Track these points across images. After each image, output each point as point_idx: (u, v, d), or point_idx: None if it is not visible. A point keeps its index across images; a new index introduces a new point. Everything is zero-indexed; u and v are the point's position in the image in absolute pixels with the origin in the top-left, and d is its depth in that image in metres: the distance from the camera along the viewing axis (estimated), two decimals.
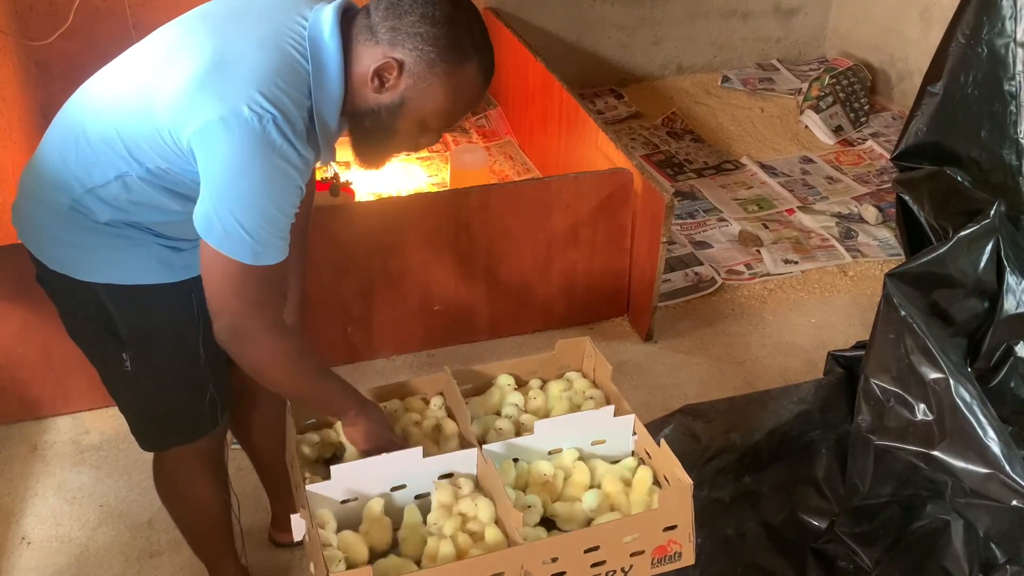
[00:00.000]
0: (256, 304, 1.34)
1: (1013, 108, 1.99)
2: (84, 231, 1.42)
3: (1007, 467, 1.68)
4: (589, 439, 1.60)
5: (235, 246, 1.29)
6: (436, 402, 1.68)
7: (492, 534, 1.42)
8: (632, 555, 1.43)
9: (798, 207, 3.40)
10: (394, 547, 1.48)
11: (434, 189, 3.30)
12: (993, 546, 1.76)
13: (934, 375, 1.78)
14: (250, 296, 1.33)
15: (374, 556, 1.45)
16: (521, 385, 1.73)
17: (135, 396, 1.58)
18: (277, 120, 1.26)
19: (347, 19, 1.36)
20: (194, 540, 1.83)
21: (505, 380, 1.71)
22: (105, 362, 1.54)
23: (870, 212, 3.34)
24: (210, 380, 1.57)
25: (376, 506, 1.48)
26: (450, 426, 1.62)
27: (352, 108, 1.38)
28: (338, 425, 1.61)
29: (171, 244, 1.47)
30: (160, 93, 1.31)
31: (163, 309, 1.49)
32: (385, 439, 1.52)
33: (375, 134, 1.40)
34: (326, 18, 1.34)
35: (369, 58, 1.33)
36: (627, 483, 1.55)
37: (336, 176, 2.95)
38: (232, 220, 1.27)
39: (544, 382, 1.73)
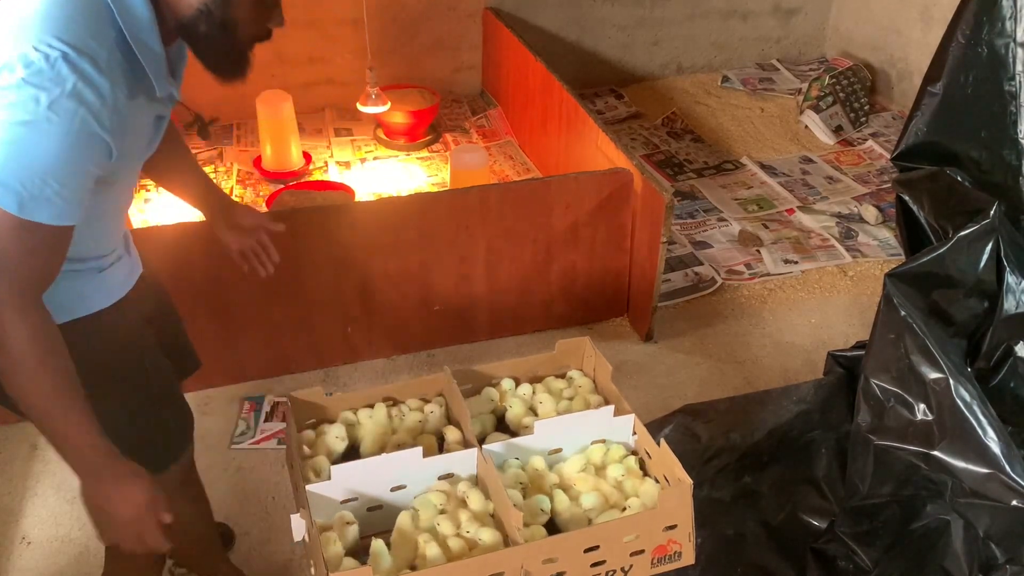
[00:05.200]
0: (12, 265, 1.15)
1: (1013, 108, 1.98)
2: None
3: (1007, 467, 1.68)
4: (589, 439, 1.60)
5: None
6: (435, 403, 1.68)
7: (489, 536, 1.42)
8: (632, 555, 1.43)
9: (798, 207, 3.40)
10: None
11: (434, 189, 3.30)
12: (993, 546, 1.76)
13: (934, 375, 1.78)
14: (4, 252, 1.14)
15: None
16: (521, 386, 1.73)
17: (105, 429, 1.46)
18: (70, 56, 1.11)
19: None
20: (183, 555, 1.84)
21: (507, 384, 1.71)
22: None
23: (870, 212, 3.34)
24: (167, 400, 1.51)
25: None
26: (453, 433, 1.62)
27: (177, 21, 1.23)
28: (334, 427, 1.61)
29: (88, 266, 1.36)
30: None
31: (99, 339, 1.37)
32: (140, 520, 1.28)
33: (215, 37, 1.24)
34: None
35: None
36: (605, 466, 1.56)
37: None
38: (2, 162, 1.11)
39: (544, 383, 1.74)
